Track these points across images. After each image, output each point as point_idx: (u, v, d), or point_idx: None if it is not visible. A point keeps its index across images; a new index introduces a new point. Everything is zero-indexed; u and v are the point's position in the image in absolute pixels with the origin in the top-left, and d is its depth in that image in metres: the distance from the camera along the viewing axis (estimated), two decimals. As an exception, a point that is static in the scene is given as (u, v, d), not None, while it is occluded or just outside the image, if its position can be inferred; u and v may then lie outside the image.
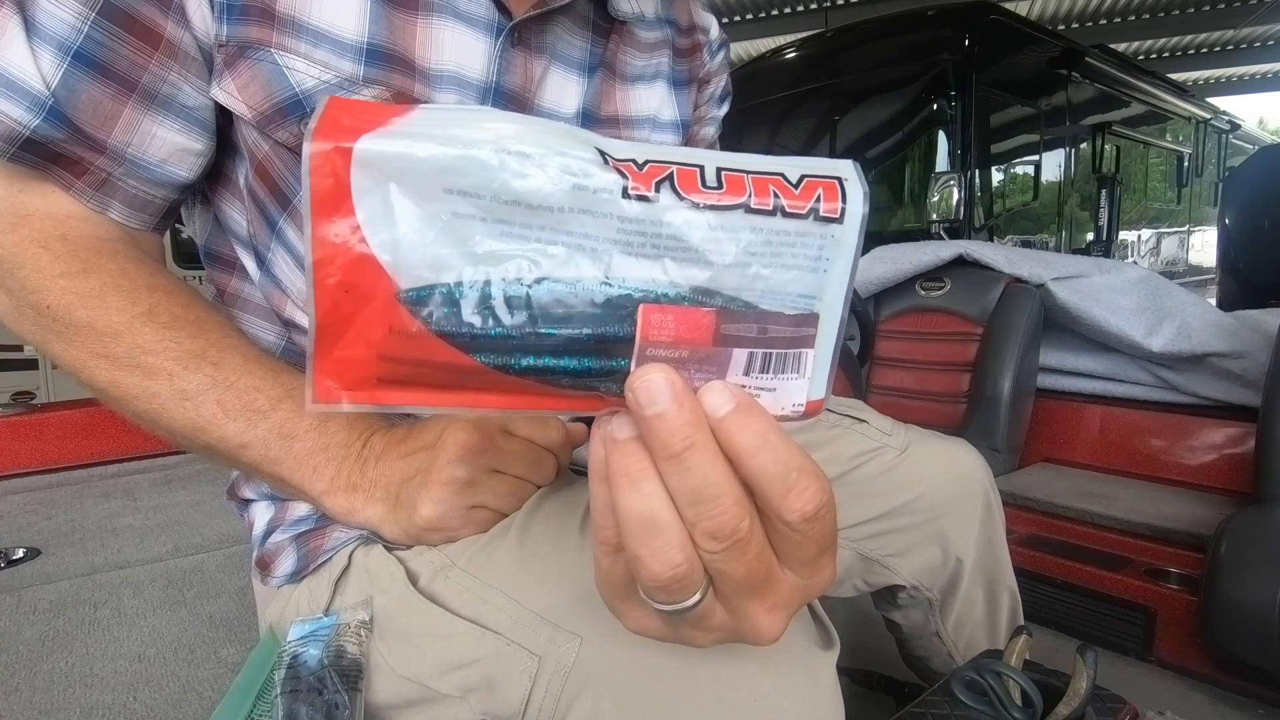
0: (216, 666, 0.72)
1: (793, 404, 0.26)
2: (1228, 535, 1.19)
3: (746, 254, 0.25)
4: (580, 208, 0.23)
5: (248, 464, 0.48)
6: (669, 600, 0.27)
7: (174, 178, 0.50)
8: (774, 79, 3.66)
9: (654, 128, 0.64)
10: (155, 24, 0.46)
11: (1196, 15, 8.52)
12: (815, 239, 0.25)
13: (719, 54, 0.71)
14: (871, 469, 0.69)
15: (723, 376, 0.26)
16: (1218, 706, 1.20)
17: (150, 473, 1.42)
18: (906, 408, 1.91)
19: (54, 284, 0.46)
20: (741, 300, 0.25)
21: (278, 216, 0.51)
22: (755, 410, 0.25)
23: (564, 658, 0.41)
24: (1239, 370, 1.52)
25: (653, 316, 0.25)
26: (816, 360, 0.26)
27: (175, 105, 0.48)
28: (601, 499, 0.27)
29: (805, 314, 0.26)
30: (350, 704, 0.45)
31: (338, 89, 0.48)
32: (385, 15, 0.49)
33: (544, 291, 0.24)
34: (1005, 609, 0.77)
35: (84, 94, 0.45)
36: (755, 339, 0.26)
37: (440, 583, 0.48)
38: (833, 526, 0.27)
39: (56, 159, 0.46)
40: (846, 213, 0.25)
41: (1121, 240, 4.45)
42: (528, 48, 0.54)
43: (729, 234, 0.24)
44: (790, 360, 0.26)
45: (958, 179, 2.94)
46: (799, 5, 8.25)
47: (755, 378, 0.26)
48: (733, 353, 0.26)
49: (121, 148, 0.47)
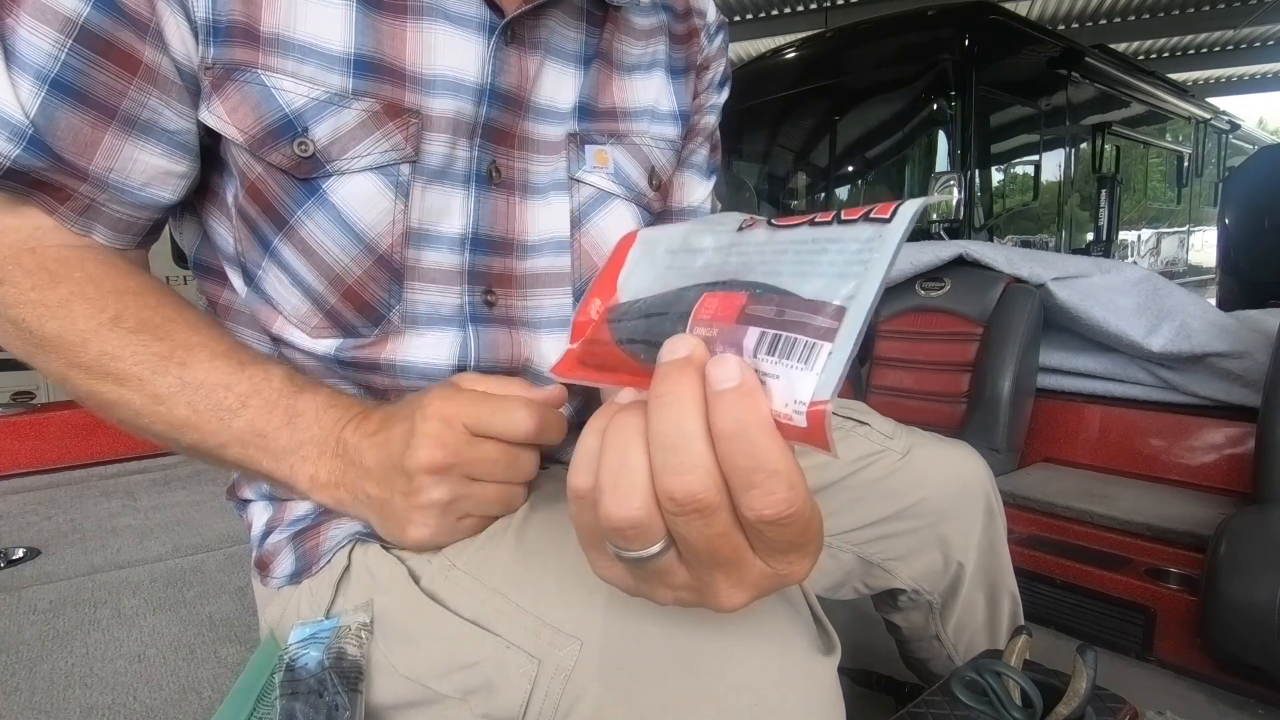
0: (216, 666, 0.72)
1: (795, 400, 0.26)
2: (1228, 535, 1.19)
3: (796, 245, 0.30)
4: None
5: (233, 462, 0.48)
6: (626, 547, 0.28)
7: (157, 200, 0.50)
8: (774, 79, 3.66)
9: (653, 119, 0.63)
10: (133, 49, 0.45)
11: (1196, 15, 8.52)
12: (868, 233, 0.27)
13: (717, 38, 0.70)
14: (873, 473, 0.69)
15: (736, 350, 0.27)
16: (1218, 706, 1.20)
17: (150, 473, 1.42)
18: (906, 408, 1.91)
19: (25, 297, 0.47)
20: (776, 287, 0.28)
21: (272, 236, 0.50)
22: (751, 399, 0.25)
23: (564, 661, 0.40)
24: (1239, 370, 1.52)
25: (707, 299, 0.30)
26: (832, 357, 0.25)
27: (156, 130, 0.48)
28: (587, 445, 0.29)
29: (830, 304, 0.26)
30: (350, 705, 0.45)
31: (327, 104, 0.47)
32: (371, 24, 0.48)
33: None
34: (1006, 613, 0.77)
35: (63, 122, 0.44)
36: (771, 320, 0.27)
37: (442, 583, 0.48)
38: (804, 533, 0.27)
39: (39, 185, 0.46)
40: (898, 213, 0.27)
41: (1121, 240, 4.45)
42: (521, 44, 0.54)
43: (792, 240, 0.30)
44: (800, 347, 0.26)
45: (958, 179, 2.95)
46: (799, 5, 8.25)
47: (762, 359, 0.27)
48: (748, 330, 0.28)
49: (103, 174, 0.47)
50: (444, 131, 0.51)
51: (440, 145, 0.51)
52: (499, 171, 0.55)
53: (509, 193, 0.56)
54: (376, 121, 0.48)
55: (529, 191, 0.57)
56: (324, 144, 0.47)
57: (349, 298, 0.52)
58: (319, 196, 0.49)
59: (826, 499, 0.69)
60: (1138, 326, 1.62)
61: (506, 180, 0.56)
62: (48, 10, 0.43)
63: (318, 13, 0.47)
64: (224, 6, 0.45)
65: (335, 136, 0.48)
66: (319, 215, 0.49)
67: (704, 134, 0.71)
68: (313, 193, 0.49)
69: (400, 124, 0.49)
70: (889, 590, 0.74)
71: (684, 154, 0.70)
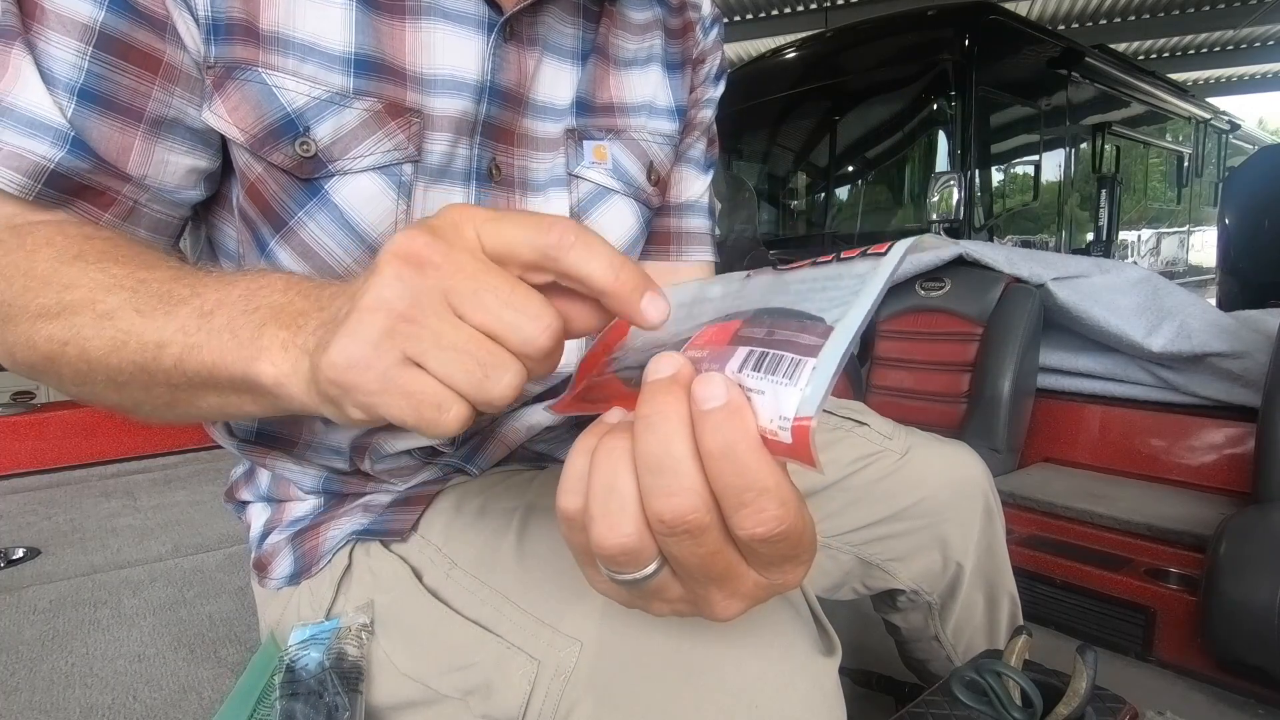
0: (216, 666, 0.72)
1: (780, 415, 0.26)
2: (1227, 535, 1.19)
3: (799, 284, 0.31)
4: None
5: (170, 365, 0.37)
6: (619, 570, 0.28)
7: (190, 198, 0.50)
8: (774, 79, 3.66)
9: (650, 114, 0.63)
10: (153, 48, 0.45)
11: (1196, 15, 8.51)
12: (865, 266, 0.30)
13: (712, 31, 0.70)
14: (872, 473, 0.69)
15: (721, 369, 0.27)
16: (1218, 706, 1.20)
17: (150, 473, 1.42)
18: (906, 408, 1.91)
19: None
20: (771, 308, 0.30)
21: (269, 238, 0.50)
22: (738, 418, 0.25)
23: (564, 663, 0.40)
24: (1239, 370, 1.52)
25: (705, 330, 0.31)
26: (816, 372, 0.26)
27: (181, 128, 0.47)
28: (575, 467, 0.28)
29: (820, 323, 0.28)
30: (350, 706, 0.45)
31: (329, 104, 0.47)
32: (371, 23, 0.48)
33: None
34: (1005, 613, 0.77)
35: (94, 130, 0.44)
36: (760, 339, 0.28)
37: (444, 582, 0.48)
38: (796, 546, 0.27)
39: (81, 191, 0.45)
40: (892, 249, 0.30)
41: (1121, 240, 4.45)
42: (520, 41, 0.54)
43: (797, 280, 0.32)
44: (786, 364, 0.27)
45: (957, 179, 2.95)
46: (799, 5, 8.25)
47: (747, 375, 0.27)
48: (736, 349, 0.28)
49: (140, 176, 0.47)
50: (445, 130, 0.51)
51: (442, 144, 0.51)
52: (499, 169, 0.55)
53: (509, 190, 0.56)
54: (378, 121, 0.48)
55: (528, 188, 0.57)
56: (326, 144, 0.47)
57: None
58: (321, 197, 0.48)
59: (825, 499, 0.69)
60: (1138, 326, 1.62)
61: (506, 177, 0.56)
62: (67, 20, 0.43)
63: (317, 12, 0.47)
64: (223, 4, 0.45)
65: (337, 136, 0.47)
66: (321, 215, 0.49)
67: (701, 128, 0.71)
68: (315, 193, 0.48)
69: (402, 123, 0.49)
70: (888, 591, 0.74)
71: (681, 149, 0.70)
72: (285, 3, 0.46)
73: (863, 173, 3.65)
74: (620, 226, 0.61)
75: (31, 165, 0.43)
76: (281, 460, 0.56)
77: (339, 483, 0.57)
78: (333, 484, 0.57)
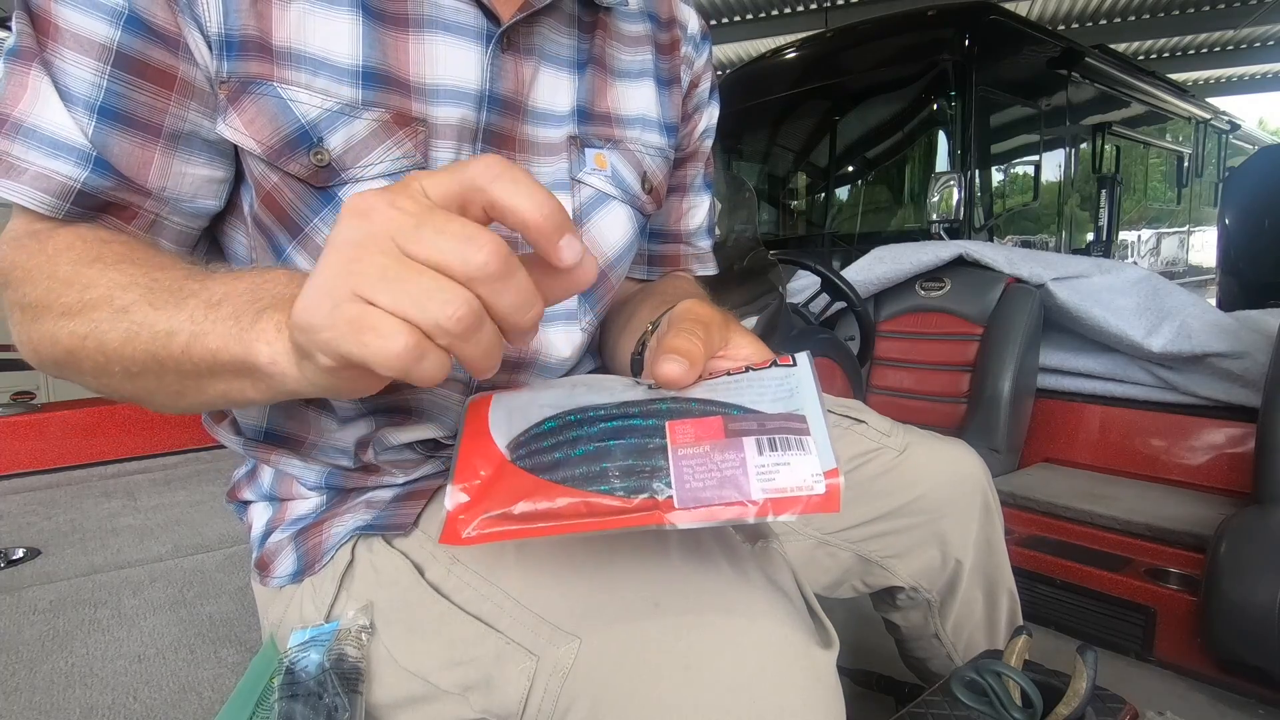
0: (216, 667, 0.72)
1: (811, 474, 0.33)
2: (1228, 535, 1.19)
3: (724, 385, 0.41)
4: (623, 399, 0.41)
5: (179, 352, 0.39)
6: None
7: (208, 208, 0.51)
8: (774, 79, 3.66)
9: (644, 127, 0.64)
10: (167, 65, 0.46)
11: (1196, 15, 8.52)
12: (780, 373, 0.41)
13: (704, 48, 0.71)
14: (870, 470, 0.69)
15: (742, 460, 0.34)
16: (1218, 706, 1.21)
17: (150, 473, 1.42)
18: (906, 408, 1.92)
19: (20, 270, 0.45)
20: (734, 405, 0.38)
21: (286, 244, 0.51)
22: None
23: (563, 659, 0.41)
24: (1239, 370, 1.52)
25: (674, 428, 0.37)
26: (816, 442, 0.35)
27: (197, 140, 0.49)
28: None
29: (791, 414, 0.37)
30: (350, 706, 0.45)
31: (340, 115, 0.48)
32: (376, 37, 0.49)
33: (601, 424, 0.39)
34: (1004, 610, 0.77)
35: (116, 147, 0.45)
36: (757, 430, 0.36)
37: (446, 577, 0.48)
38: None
39: (105, 208, 0.47)
40: (797, 360, 0.42)
41: (1121, 240, 4.46)
42: (517, 51, 0.55)
43: (720, 382, 0.42)
44: (793, 443, 0.35)
45: (958, 179, 2.95)
46: (799, 5, 8.25)
47: (768, 455, 0.34)
48: (743, 440, 0.35)
49: (160, 190, 0.48)
50: (450, 138, 0.52)
51: (447, 151, 0.52)
52: None
53: None
54: (386, 131, 0.50)
55: None
56: (339, 153, 0.49)
57: None
58: (336, 204, 0.50)
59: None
60: (1138, 327, 1.62)
61: None
62: (83, 40, 0.44)
63: (326, 27, 0.48)
64: (236, 21, 0.46)
65: (348, 146, 0.49)
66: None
67: (703, 158, 0.74)
68: (329, 200, 0.50)
69: (409, 132, 0.50)
70: (887, 588, 0.74)
71: (686, 178, 0.73)
72: (296, 19, 0.47)
73: (863, 173, 3.65)
74: (618, 230, 0.62)
75: (59, 186, 0.45)
76: (287, 457, 0.57)
77: (342, 478, 0.57)
78: (336, 479, 0.57)
